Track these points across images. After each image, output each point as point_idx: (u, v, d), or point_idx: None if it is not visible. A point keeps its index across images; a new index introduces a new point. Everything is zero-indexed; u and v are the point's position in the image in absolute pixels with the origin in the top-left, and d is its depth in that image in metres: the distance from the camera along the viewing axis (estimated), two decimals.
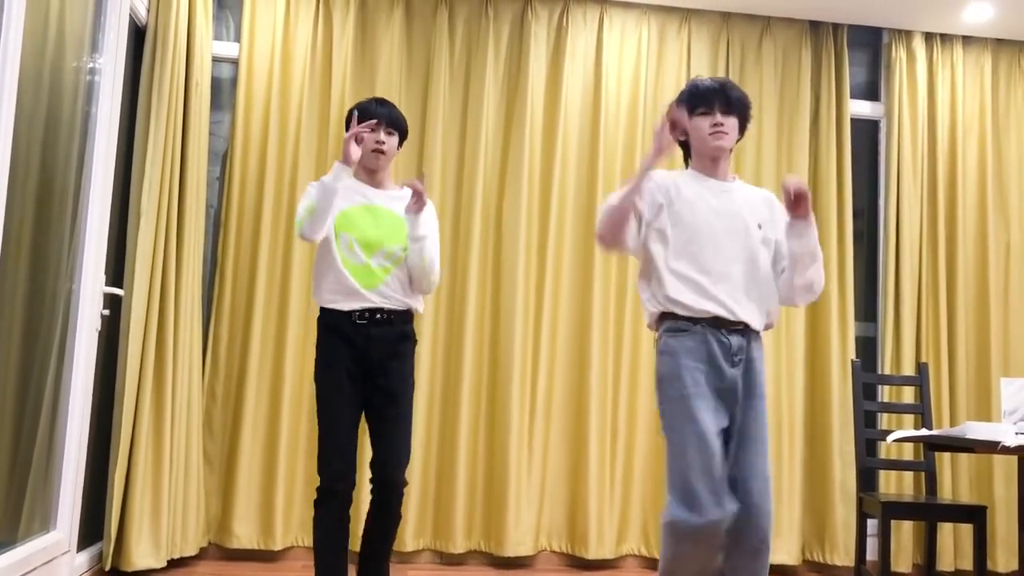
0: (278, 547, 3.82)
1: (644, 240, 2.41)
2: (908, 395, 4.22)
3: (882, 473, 4.18)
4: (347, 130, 2.83)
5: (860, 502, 3.75)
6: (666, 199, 2.40)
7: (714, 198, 2.42)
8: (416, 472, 3.92)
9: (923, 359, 4.24)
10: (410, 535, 3.90)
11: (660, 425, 2.38)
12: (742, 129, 2.49)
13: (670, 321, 2.37)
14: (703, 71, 4.32)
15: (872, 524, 4.09)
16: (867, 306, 4.53)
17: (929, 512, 3.52)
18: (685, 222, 2.38)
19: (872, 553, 4.11)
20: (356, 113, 2.82)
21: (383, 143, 2.84)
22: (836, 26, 4.41)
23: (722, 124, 2.41)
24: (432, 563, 3.98)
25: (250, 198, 3.96)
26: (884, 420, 4.26)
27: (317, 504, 2.77)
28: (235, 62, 4.09)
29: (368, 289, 2.78)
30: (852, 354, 4.20)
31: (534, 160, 4.16)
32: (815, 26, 4.42)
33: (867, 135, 4.63)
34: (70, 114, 3.14)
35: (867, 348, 4.48)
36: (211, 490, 3.81)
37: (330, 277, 2.79)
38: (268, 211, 3.93)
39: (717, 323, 2.34)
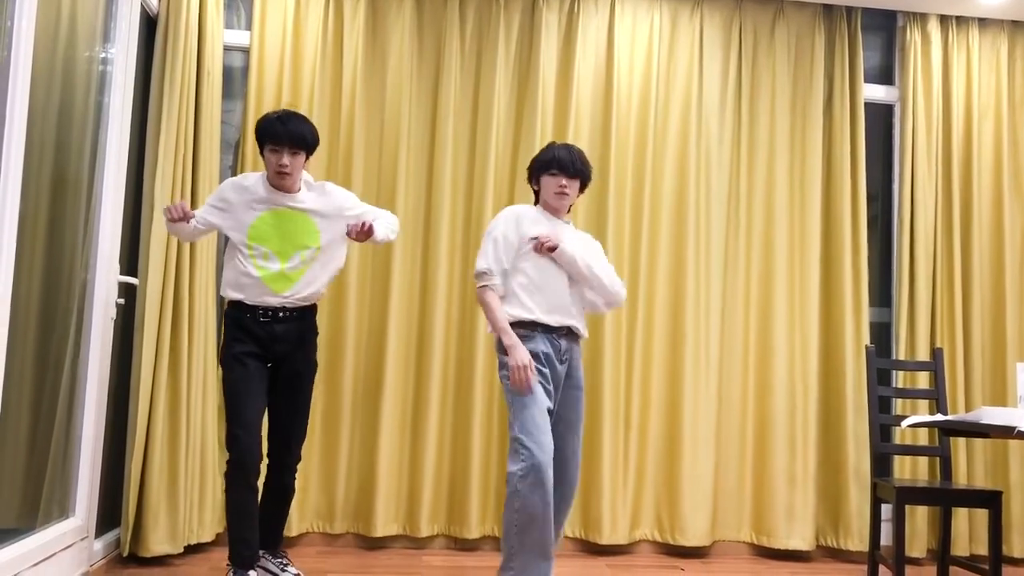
0: (294, 533, 3.84)
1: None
2: (923, 380, 4.20)
3: (896, 458, 4.17)
4: (259, 142, 3.07)
5: (874, 487, 3.75)
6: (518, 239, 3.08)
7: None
8: (430, 459, 3.94)
9: (938, 344, 4.22)
10: (424, 521, 3.92)
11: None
12: (583, 189, 3.19)
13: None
14: (716, 57, 4.30)
15: (886, 509, 4.09)
16: (881, 291, 4.51)
17: (944, 497, 3.51)
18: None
19: (886, 538, 4.11)
20: (262, 133, 3.04)
21: (286, 166, 3.04)
22: (850, 9, 4.37)
23: (566, 186, 3.11)
24: (446, 548, 4.00)
25: None
26: (898, 405, 4.24)
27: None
28: (246, 51, 4.10)
29: (278, 293, 3.09)
30: (866, 340, 4.19)
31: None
32: (828, 10, 4.38)
33: (881, 119, 4.60)
34: (83, 105, 3.15)
35: (881, 334, 4.46)
36: (219, 476, 3.83)
37: (242, 280, 3.07)
38: None
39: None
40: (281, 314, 3.12)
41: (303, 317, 3.19)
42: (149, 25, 3.69)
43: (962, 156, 4.38)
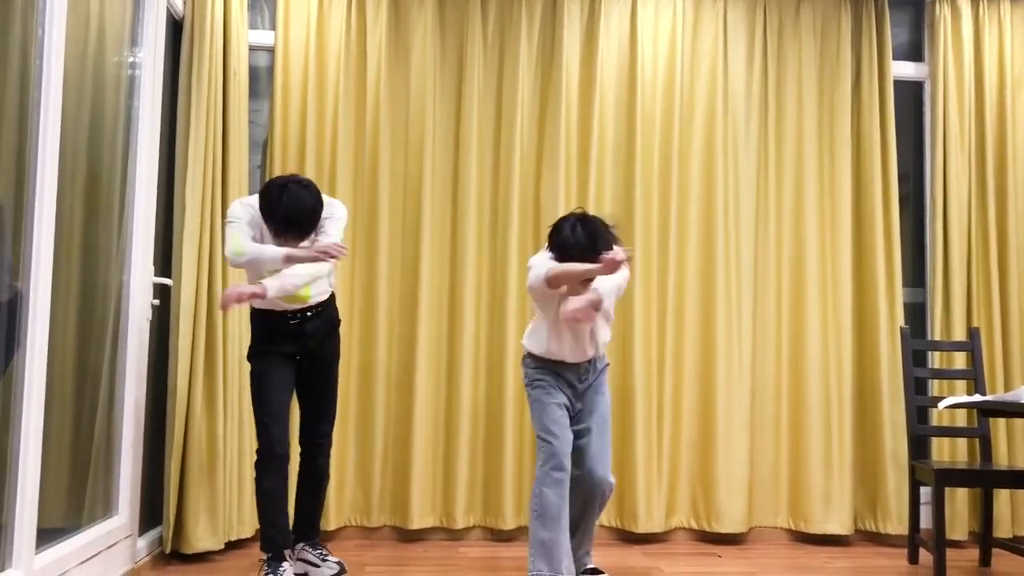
0: (332, 527, 3.88)
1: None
2: (959, 361, 4.15)
3: (934, 440, 4.12)
4: (263, 203, 2.97)
5: (912, 470, 3.71)
6: None
7: None
8: (464, 451, 3.96)
9: (974, 324, 4.16)
10: (460, 513, 3.95)
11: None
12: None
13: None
14: (740, 40, 4.26)
15: (925, 492, 4.05)
16: (915, 271, 4.45)
17: (984, 479, 3.47)
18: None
19: (926, 521, 4.07)
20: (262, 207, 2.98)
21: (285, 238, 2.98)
22: None
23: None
24: (483, 540, 4.03)
25: None
26: (935, 387, 4.20)
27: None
28: (271, 50, 4.12)
29: (303, 301, 3.16)
30: (901, 321, 4.14)
31: (571, 139, 4.14)
32: None
33: (911, 97, 4.54)
34: (113, 109, 3.20)
35: (915, 314, 4.41)
36: None
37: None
38: None
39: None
40: (309, 313, 3.20)
41: (328, 307, 3.29)
42: (175, 28, 3.73)
43: (995, 132, 4.31)
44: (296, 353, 3.21)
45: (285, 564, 3.09)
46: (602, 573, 3.22)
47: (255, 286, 2.92)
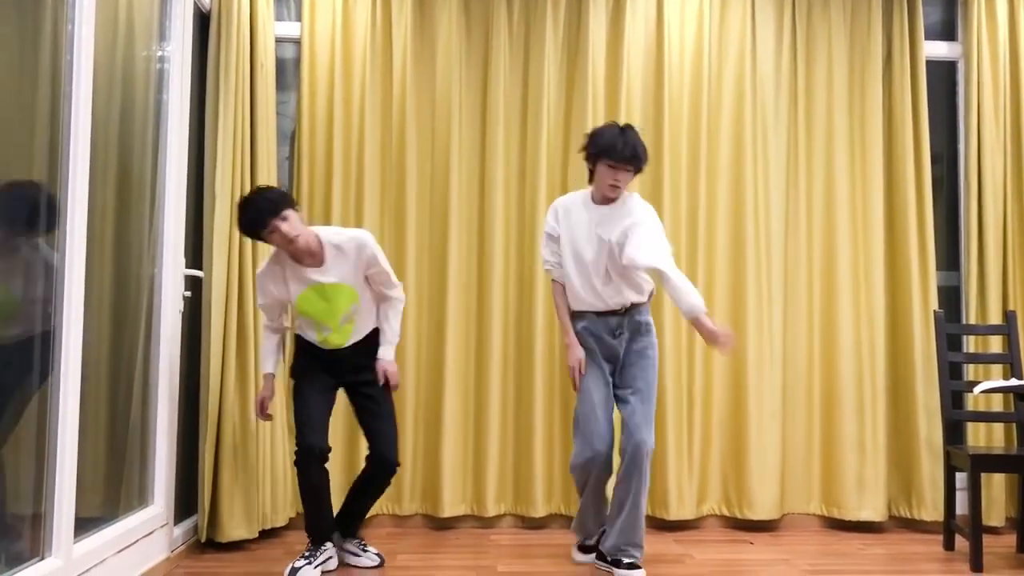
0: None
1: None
2: (995, 345, 4.09)
3: (970, 426, 4.07)
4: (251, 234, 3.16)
5: (947, 456, 3.67)
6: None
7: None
8: (494, 439, 3.97)
9: (1010, 307, 4.10)
10: (491, 500, 3.96)
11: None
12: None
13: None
14: (769, 19, 4.21)
15: (961, 478, 4.00)
16: (948, 254, 4.39)
17: (1021, 464, 3.42)
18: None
19: (962, 507, 4.03)
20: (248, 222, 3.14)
21: (287, 234, 3.10)
22: None
23: (619, 180, 3.15)
24: (514, 527, 4.04)
25: (319, 176, 4.03)
26: (970, 371, 4.14)
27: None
28: (297, 42, 4.14)
29: (337, 347, 3.29)
30: (934, 304, 4.08)
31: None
32: None
33: (944, 77, 4.46)
34: (143, 103, 3.22)
35: (950, 298, 4.35)
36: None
37: (306, 331, 3.32)
38: (337, 188, 3.99)
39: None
40: (348, 348, 3.33)
41: (370, 337, 3.36)
42: (202, 21, 3.75)
43: None
44: (334, 378, 3.34)
45: (328, 545, 3.25)
46: (639, 569, 3.17)
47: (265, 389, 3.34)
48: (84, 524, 2.67)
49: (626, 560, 3.16)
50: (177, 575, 3.23)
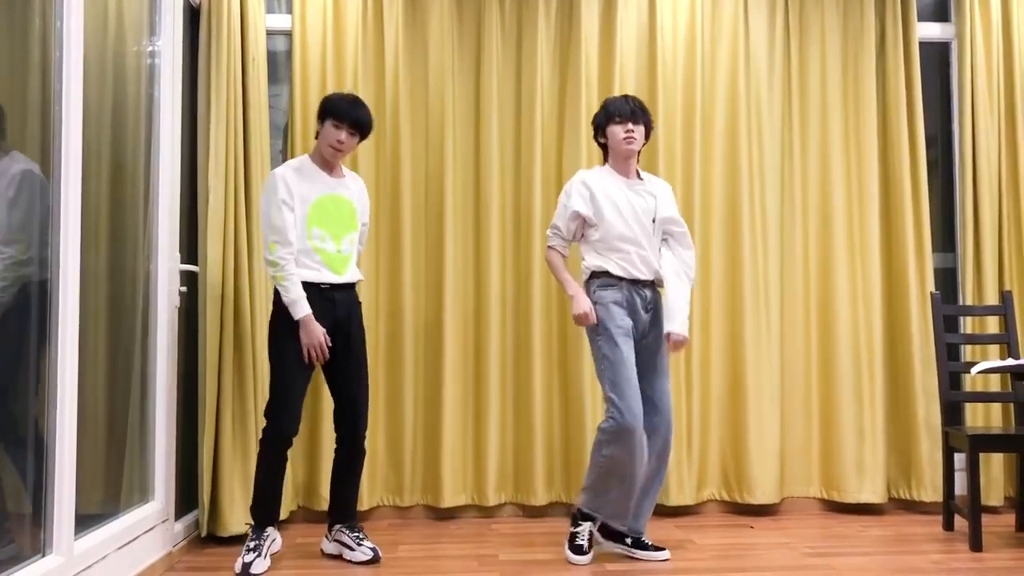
0: (365, 507, 3.92)
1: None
2: (992, 325, 4.10)
3: (968, 406, 4.08)
4: (321, 116, 3.30)
5: (946, 436, 3.68)
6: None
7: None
8: (494, 429, 3.97)
9: (1006, 287, 4.10)
10: (492, 490, 3.97)
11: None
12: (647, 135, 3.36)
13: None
14: (761, 5, 4.20)
15: (959, 459, 4.01)
16: (944, 236, 4.39)
17: (1019, 443, 3.43)
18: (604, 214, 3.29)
19: (961, 488, 4.04)
20: (328, 107, 3.27)
21: (343, 143, 3.27)
22: None
23: (632, 130, 3.28)
24: (515, 516, 4.05)
25: None
26: (968, 352, 4.15)
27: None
28: (289, 34, 4.12)
29: (338, 274, 3.29)
30: (931, 286, 4.09)
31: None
32: None
33: (937, 59, 4.45)
34: (134, 98, 3.21)
35: (946, 279, 4.35)
36: (297, 456, 3.92)
37: (302, 258, 3.24)
38: None
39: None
40: (343, 289, 3.33)
41: (354, 289, 3.40)
42: (193, 15, 3.73)
43: None
44: (324, 324, 3.24)
45: (270, 529, 3.27)
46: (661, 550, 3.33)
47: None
48: (85, 521, 2.67)
49: (651, 541, 3.32)
50: (179, 570, 3.24)
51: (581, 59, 4.08)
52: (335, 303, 3.29)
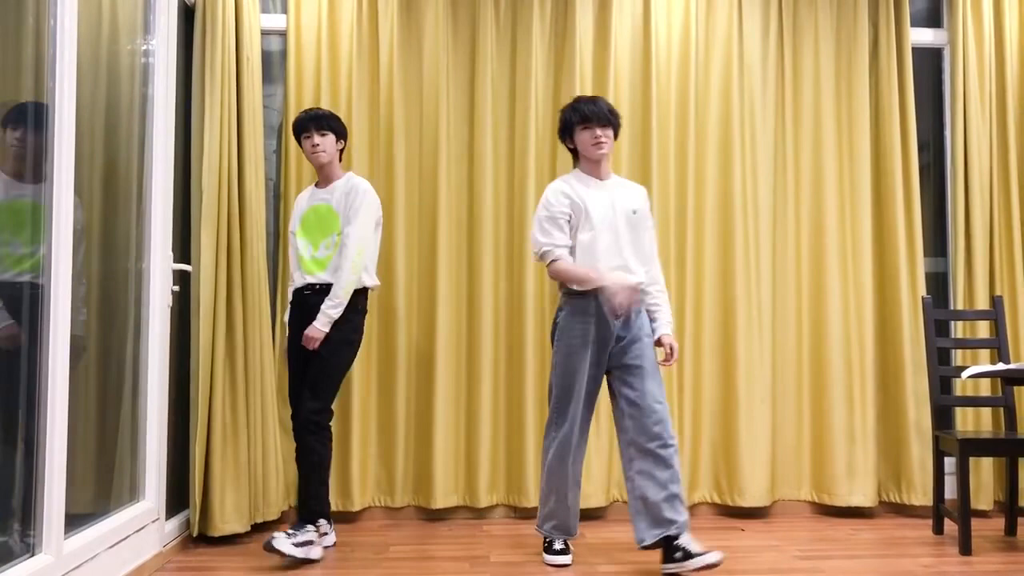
0: (356, 508, 3.92)
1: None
2: (983, 330, 4.12)
3: (958, 410, 4.10)
4: (296, 139, 3.57)
5: (936, 440, 3.69)
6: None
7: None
8: (486, 430, 3.98)
9: (997, 292, 4.12)
10: (483, 491, 3.97)
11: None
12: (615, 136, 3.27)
13: None
14: (755, 7, 4.21)
15: (950, 463, 4.03)
16: (936, 241, 4.41)
17: (1009, 448, 3.45)
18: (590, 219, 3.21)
19: (951, 492, 4.06)
20: (293, 128, 3.55)
21: (317, 145, 3.47)
22: None
23: (600, 135, 3.20)
24: (507, 518, 4.05)
25: (307, 169, 4.01)
26: (958, 357, 4.17)
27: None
28: (283, 34, 4.12)
29: (309, 274, 3.46)
30: (922, 291, 4.10)
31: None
32: None
33: (930, 64, 4.47)
34: (128, 97, 3.21)
35: (937, 284, 4.37)
36: (289, 456, 3.92)
37: (295, 272, 3.55)
38: None
39: None
40: (317, 289, 3.47)
41: (326, 289, 3.45)
42: (187, 14, 3.73)
43: (1017, 98, 4.24)
44: (293, 323, 3.53)
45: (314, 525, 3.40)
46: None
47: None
48: (75, 520, 2.67)
49: (696, 549, 2.96)
50: (170, 570, 3.23)
51: (576, 61, 4.09)
52: (308, 307, 3.46)
